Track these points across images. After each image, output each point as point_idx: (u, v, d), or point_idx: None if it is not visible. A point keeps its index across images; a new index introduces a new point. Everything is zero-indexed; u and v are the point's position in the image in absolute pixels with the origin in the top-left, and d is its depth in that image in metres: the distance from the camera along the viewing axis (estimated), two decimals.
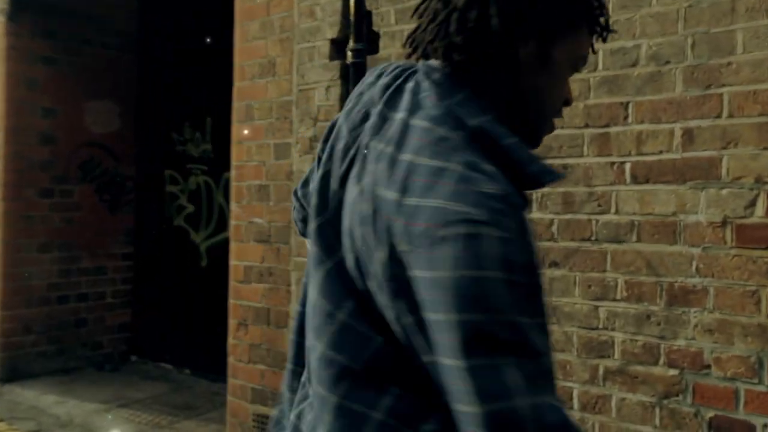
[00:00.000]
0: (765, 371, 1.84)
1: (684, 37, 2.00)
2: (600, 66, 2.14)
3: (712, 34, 1.94)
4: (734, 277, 1.89)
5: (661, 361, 2.03)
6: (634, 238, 2.08)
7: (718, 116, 1.93)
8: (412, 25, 0.93)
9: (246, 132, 3.14)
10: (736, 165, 1.90)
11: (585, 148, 2.17)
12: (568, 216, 2.20)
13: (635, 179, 2.09)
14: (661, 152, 2.04)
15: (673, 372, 2.01)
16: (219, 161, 4.32)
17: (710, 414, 1.93)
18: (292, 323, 1.03)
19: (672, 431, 2.00)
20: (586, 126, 2.17)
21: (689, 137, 1.98)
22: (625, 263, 2.09)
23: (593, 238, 2.16)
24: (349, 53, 2.49)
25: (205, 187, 4.58)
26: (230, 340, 3.19)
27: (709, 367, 1.94)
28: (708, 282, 1.94)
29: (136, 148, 4.93)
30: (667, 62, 2.03)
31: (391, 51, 2.63)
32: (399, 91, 0.86)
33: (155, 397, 4.12)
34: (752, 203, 1.87)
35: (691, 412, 1.97)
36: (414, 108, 0.82)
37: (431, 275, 0.71)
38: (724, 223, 1.92)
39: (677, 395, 1.99)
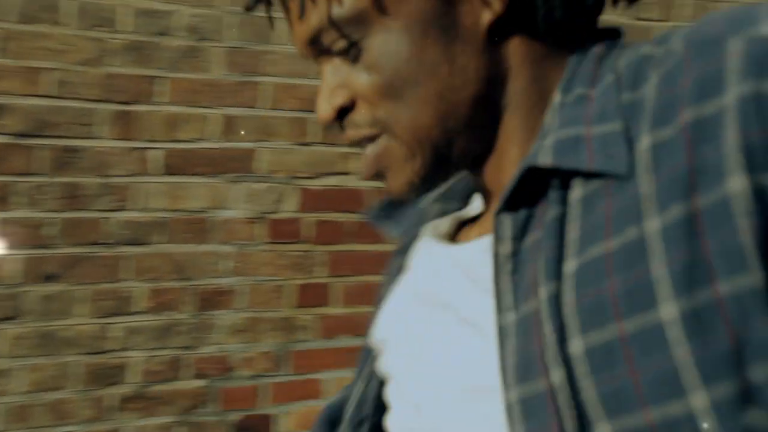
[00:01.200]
0: (285, 362, 1.92)
1: (226, 14, 1.75)
2: (126, 27, 1.62)
3: (256, 18, 1.78)
4: (265, 273, 1.86)
5: (188, 373, 1.80)
6: (161, 238, 1.73)
7: (257, 106, 1.81)
8: None
9: None
10: (272, 158, 1.84)
11: (100, 128, 1.61)
12: (73, 214, 1.61)
13: (167, 169, 1.72)
14: (196, 140, 1.74)
15: (199, 383, 1.82)
16: None
17: (234, 416, 1.87)
18: None
19: None
20: (103, 100, 1.61)
21: (228, 126, 1.78)
22: (147, 268, 1.71)
23: (107, 242, 1.66)
24: None
25: None
26: None
27: (235, 369, 1.86)
28: (240, 281, 1.83)
29: None
30: (205, 39, 1.73)
31: None
32: None
33: None
34: (282, 198, 1.87)
35: (217, 420, 1.85)
36: None
37: None
38: (258, 218, 1.84)
39: (204, 405, 1.83)
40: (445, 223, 0.57)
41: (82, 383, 1.66)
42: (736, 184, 0.34)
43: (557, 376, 0.38)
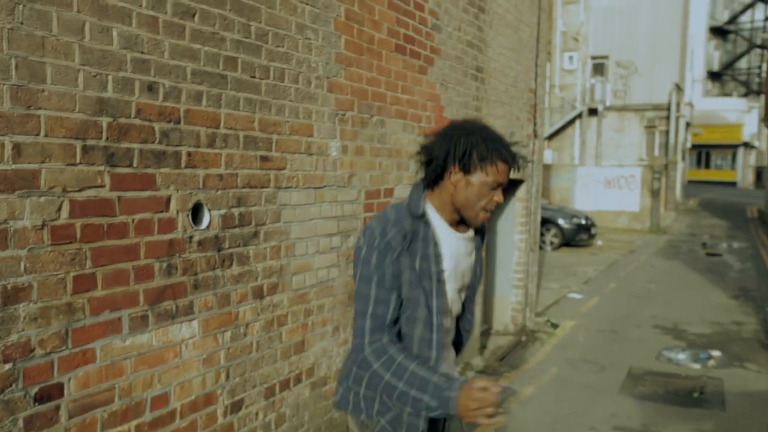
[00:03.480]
0: (69, 338, 2.39)
1: (9, 57, 2.13)
2: None
3: (30, 61, 2.20)
4: (50, 270, 2.31)
5: None
6: None
7: (38, 134, 2.23)
8: None
9: None
10: (51, 177, 2.29)
11: None
12: None
13: None
14: None
15: (8, 366, 2.18)
16: None
17: (35, 390, 2.28)
18: None
19: (7, 420, 2.19)
20: None
21: (17, 151, 2.16)
22: None
23: None
24: None
25: None
26: None
27: (34, 350, 2.27)
28: (33, 278, 2.24)
29: None
30: None
31: None
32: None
33: None
34: (60, 208, 2.33)
35: (22, 395, 2.24)
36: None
37: None
38: (42, 226, 2.27)
39: (11, 386, 2.20)
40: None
41: None
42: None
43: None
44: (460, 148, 1.96)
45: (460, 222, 2.12)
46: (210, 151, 2.97)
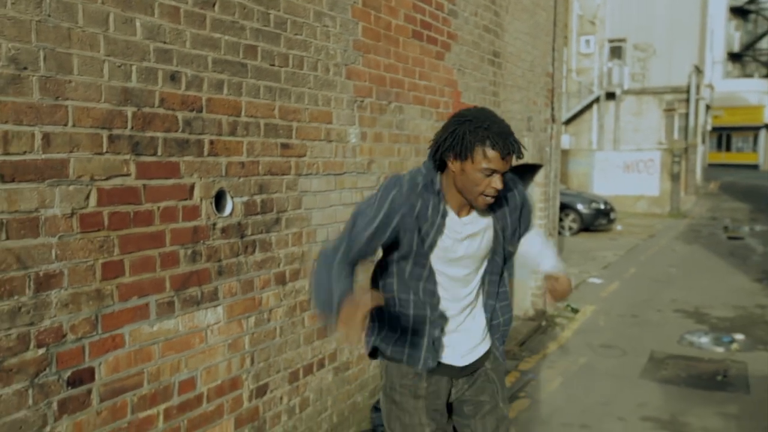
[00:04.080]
0: (99, 323, 2.45)
1: (37, 49, 2.17)
2: None
3: (57, 53, 2.24)
4: (80, 257, 2.36)
5: (32, 345, 2.21)
6: (3, 236, 2.10)
7: (66, 124, 2.28)
8: None
9: None
10: (79, 165, 2.33)
11: None
12: None
13: (2, 178, 2.09)
14: (25, 152, 2.15)
15: (41, 351, 2.24)
16: None
17: (68, 374, 2.34)
18: None
19: (42, 403, 2.25)
20: None
21: (47, 141, 2.21)
22: None
23: None
24: None
25: None
26: None
27: (66, 335, 2.32)
28: (63, 265, 2.30)
29: None
30: (25, 68, 2.13)
31: None
32: None
33: None
34: (88, 196, 2.38)
35: (55, 380, 2.29)
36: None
37: None
38: (72, 214, 2.32)
39: (45, 370, 2.25)
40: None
41: None
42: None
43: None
44: (451, 137, 2.07)
45: (466, 205, 2.22)
46: (232, 139, 3.00)
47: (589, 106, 25.28)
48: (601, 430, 4.51)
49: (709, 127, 31.79)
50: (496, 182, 2.06)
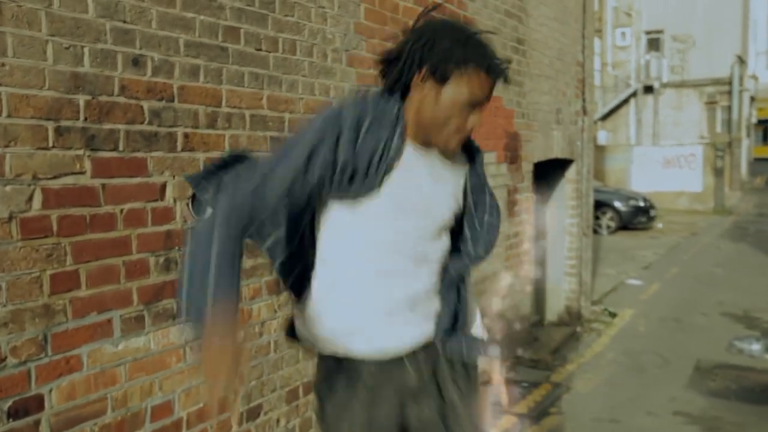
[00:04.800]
0: (49, 344, 2.13)
1: None
2: None
3: None
4: (22, 268, 2.04)
5: None
6: None
7: None
8: None
9: None
10: (18, 162, 2.02)
11: None
12: None
13: None
14: None
15: None
16: None
17: (8, 404, 2.02)
18: None
19: None
20: None
21: None
22: None
23: None
24: None
25: None
26: None
27: (5, 359, 2.01)
28: (0, 278, 1.98)
29: None
30: None
31: None
32: None
33: None
34: (31, 198, 2.06)
35: None
36: None
37: None
38: (10, 219, 2.01)
39: None
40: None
41: None
42: None
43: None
44: (434, 48, 1.51)
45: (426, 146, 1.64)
46: (211, 132, 2.67)
47: (626, 101, 24.51)
48: None
49: (754, 120, 30.62)
50: (476, 118, 1.56)
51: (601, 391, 5.05)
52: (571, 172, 7.02)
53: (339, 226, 1.65)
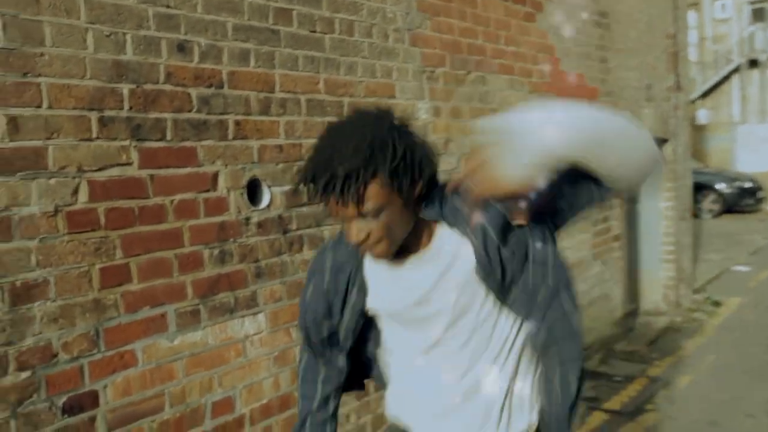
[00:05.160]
0: (101, 339, 2.08)
1: None
2: None
3: (22, 20, 1.89)
4: (69, 262, 2.00)
5: (11, 368, 1.87)
6: None
7: (39, 106, 1.93)
8: None
9: None
10: (61, 155, 1.98)
11: None
12: None
13: None
14: None
15: (25, 374, 1.90)
16: None
17: (62, 399, 1.99)
18: None
19: None
20: None
21: (14, 126, 1.87)
22: None
23: None
24: None
25: None
26: None
27: (57, 355, 1.97)
28: (48, 272, 1.95)
29: None
30: None
31: None
32: None
33: None
34: (76, 190, 2.02)
35: (46, 407, 1.95)
36: None
37: None
38: (56, 212, 1.97)
39: (31, 396, 1.91)
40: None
41: None
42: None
43: None
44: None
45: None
46: (264, 118, 2.57)
47: (727, 77, 22.99)
48: None
49: None
50: (351, 231, 1.31)
51: (702, 387, 4.65)
52: (665, 152, 6.55)
53: (377, 330, 1.59)
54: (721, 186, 13.70)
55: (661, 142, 6.48)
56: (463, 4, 3.65)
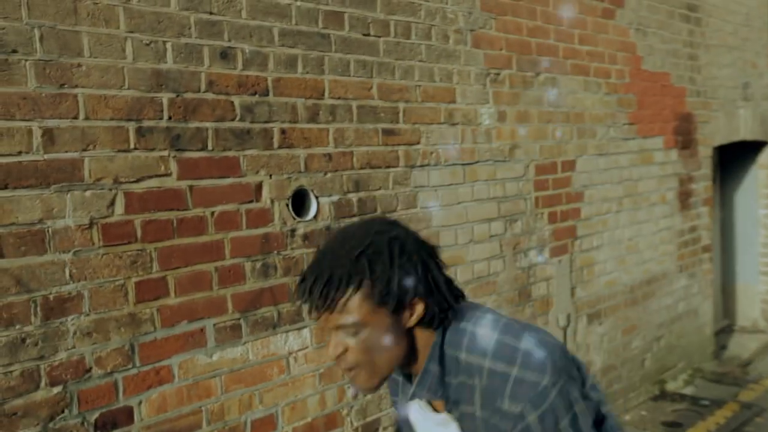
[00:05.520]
0: (136, 354, 2.05)
1: (31, 27, 1.81)
2: None
3: (60, 31, 1.87)
4: (104, 275, 1.97)
5: (43, 382, 1.85)
6: None
7: (75, 117, 1.90)
8: None
9: None
10: (97, 166, 1.95)
11: None
12: None
13: None
14: (20, 153, 1.79)
15: (57, 389, 1.87)
16: None
17: (95, 416, 1.96)
18: None
19: None
20: None
21: (49, 138, 1.85)
22: None
23: None
24: None
25: None
26: None
27: (90, 370, 1.94)
28: (82, 286, 1.92)
29: None
30: (15, 51, 1.78)
31: None
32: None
33: None
34: (112, 202, 1.99)
35: (78, 423, 1.92)
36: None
37: None
38: (91, 225, 1.94)
39: (63, 412, 1.89)
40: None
41: None
42: None
43: None
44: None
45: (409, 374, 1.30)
46: (312, 126, 2.48)
47: None
48: None
49: None
50: (329, 345, 1.19)
51: None
52: (764, 156, 6.05)
53: None
54: None
55: (760, 144, 5.98)
56: (531, 2, 3.45)
